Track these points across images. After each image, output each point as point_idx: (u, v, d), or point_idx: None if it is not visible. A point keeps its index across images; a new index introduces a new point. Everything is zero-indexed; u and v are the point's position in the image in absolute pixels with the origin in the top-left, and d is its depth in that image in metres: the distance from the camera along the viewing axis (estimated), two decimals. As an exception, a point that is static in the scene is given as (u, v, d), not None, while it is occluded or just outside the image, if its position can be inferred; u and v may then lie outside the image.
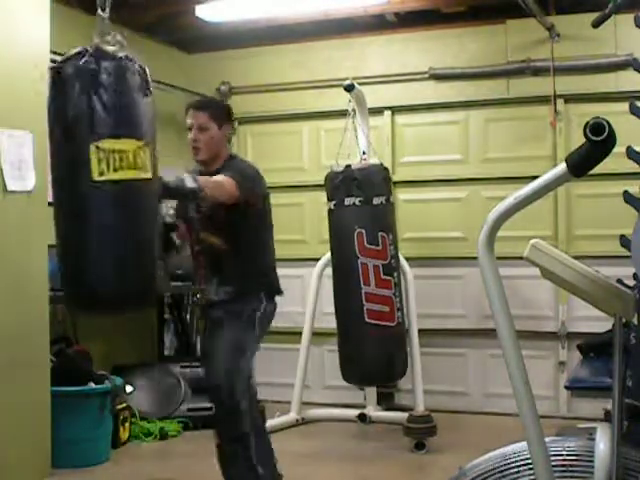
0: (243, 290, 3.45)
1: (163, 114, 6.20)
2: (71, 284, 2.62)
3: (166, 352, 6.16)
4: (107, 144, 2.44)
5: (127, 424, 4.97)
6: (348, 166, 4.96)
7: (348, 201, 4.88)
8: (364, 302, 4.80)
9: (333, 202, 4.98)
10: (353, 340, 4.91)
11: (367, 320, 4.80)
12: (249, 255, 3.44)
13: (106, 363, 5.28)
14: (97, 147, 2.43)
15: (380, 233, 4.88)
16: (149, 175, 2.51)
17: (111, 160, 2.43)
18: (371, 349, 4.85)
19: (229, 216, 3.32)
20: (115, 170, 2.44)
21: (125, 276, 2.54)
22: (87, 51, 2.49)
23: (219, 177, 3.27)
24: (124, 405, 4.94)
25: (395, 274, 4.95)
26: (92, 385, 4.66)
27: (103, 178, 2.44)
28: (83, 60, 2.47)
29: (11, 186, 4.15)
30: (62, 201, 2.61)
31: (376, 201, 4.91)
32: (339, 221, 4.97)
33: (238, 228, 3.38)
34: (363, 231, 4.84)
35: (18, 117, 4.24)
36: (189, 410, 5.39)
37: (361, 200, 4.87)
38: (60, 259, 2.65)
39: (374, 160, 5.22)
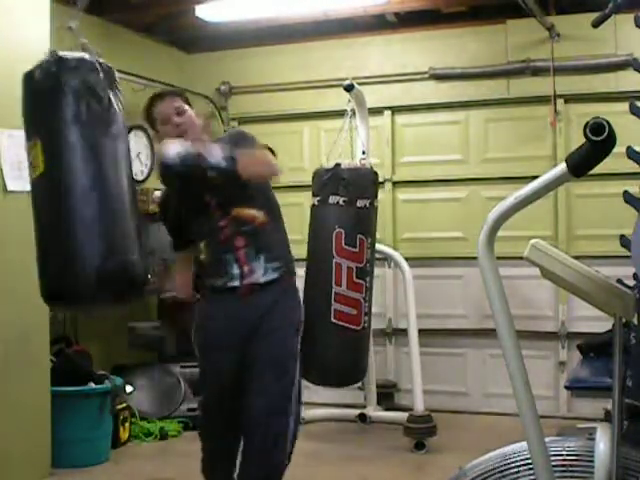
0: (290, 265, 3.10)
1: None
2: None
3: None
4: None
5: (127, 424, 4.97)
6: (338, 164, 4.90)
7: (332, 199, 4.79)
8: (332, 302, 4.72)
9: (317, 198, 4.88)
10: (316, 339, 4.82)
11: (332, 320, 4.72)
12: (282, 225, 3.14)
13: (106, 363, 5.28)
14: None
15: (359, 235, 4.79)
16: (40, 171, 2.60)
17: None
18: (333, 350, 4.76)
19: (259, 184, 3.04)
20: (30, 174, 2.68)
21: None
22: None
23: (252, 151, 3.01)
24: (124, 405, 4.94)
25: (368, 278, 4.85)
26: (92, 385, 4.66)
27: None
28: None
29: (11, 186, 4.15)
30: None
31: (360, 203, 4.83)
32: (320, 218, 4.89)
33: (269, 196, 3.13)
34: (342, 231, 4.76)
35: (18, 117, 4.22)
36: (189, 410, 5.39)
37: (345, 200, 4.78)
38: None
39: (366, 162, 5.18)
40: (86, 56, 2.61)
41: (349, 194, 4.79)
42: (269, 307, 2.99)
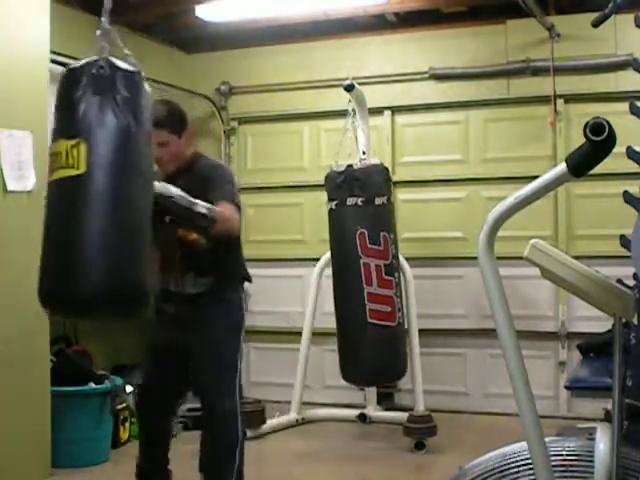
0: (221, 280, 3.43)
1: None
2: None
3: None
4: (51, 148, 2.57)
5: (127, 424, 4.97)
6: (350, 166, 4.97)
7: (350, 201, 4.88)
8: (366, 302, 4.79)
9: (334, 202, 4.97)
10: (355, 340, 4.90)
11: (369, 320, 4.79)
12: (227, 248, 3.43)
13: (106, 363, 5.28)
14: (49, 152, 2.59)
15: (382, 233, 4.89)
16: (80, 171, 2.47)
17: (51, 163, 2.54)
18: (373, 349, 4.84)
19: None
20: (53, 171, 2.52)
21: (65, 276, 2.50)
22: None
23: (225, 209, 3.23)
24: (124, 405, 4.94)
25: (396, 274, 4.96)
26: (92, 385, 4.66)
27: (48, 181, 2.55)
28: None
29: (11, 186, 4.15)
30: None
31: (378, 201, 4.92)
32: (341, 221, 4.97)
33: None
34: (365, 231, 4.84)
35: (18, 117, 4.24)
36: (189, 410, 5.38)
37: (363, 200, 4.87)
38: None
39: (374, 160, 5.22)
40: (134, 67, 2.63)
41: (366, 194, 4.88)
42: (194, 313, 3.41)
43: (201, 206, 3.10)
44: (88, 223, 2.46)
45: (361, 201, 4.87)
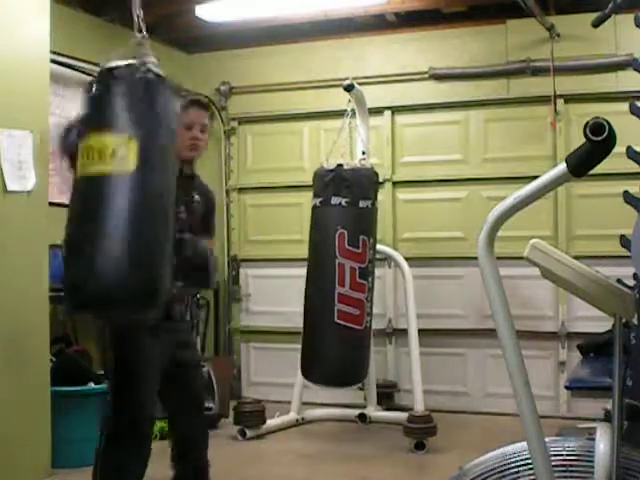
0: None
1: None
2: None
3: (166, 352, 6.15)
4: (90, 140, 2.49)
5: (127, 424, 4.97)
6: (340, 165, 4.92)
7: (335, 200, 4.82)
8: (336, 302, 4.75)
9: (319, 199, 4.90)
10: (319, 339, 4.84)
11: (336, 321, 4.75)
12: None
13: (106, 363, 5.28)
14: (84, 145, 2.50)
15: (361, 236, 4.83)
16: (130, 169, 2.44)
17: (92, 155, 2.47)
18: (338, 350, 4.79)
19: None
20: (93, 165, 2.46)
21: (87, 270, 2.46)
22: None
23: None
24: (124, 405, 4.94)
25: (370, 278, 4.89)
26: (92, 385, 4.66)
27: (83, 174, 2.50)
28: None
29: (11, 186, 4.15)
30: None
31: (362, 204, 4.86)
32: (322, 219, 4.91)
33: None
34: (345, 232, 4.79)
35: (18, 117, 4.24)
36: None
37: (348, 201, 4.81)
38: None
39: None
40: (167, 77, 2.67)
41: (352, 195, 4.82)
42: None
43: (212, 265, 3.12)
44: (142, 222, 2.45)
45: (346, 202, 4.81)
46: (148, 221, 2.47)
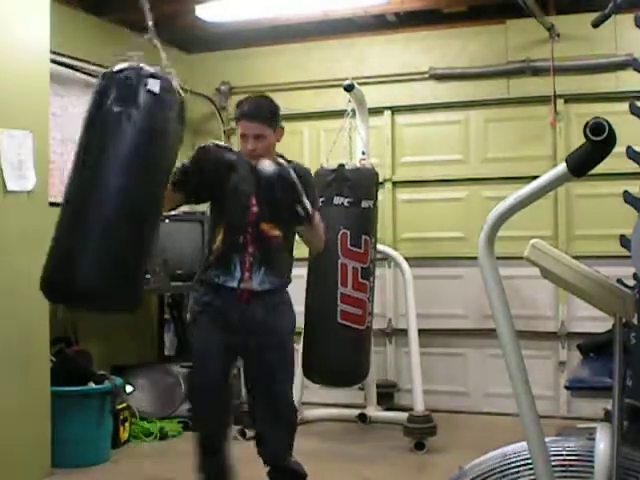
0: (284, 281, 3.31)
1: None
2: None
3: (166, 352, 6.15)
4: None
5: (127, 424, 4.97)
6: (342, 165, 4.93)
7: (337, 200, 4.82)
8: (339, 303, 4.76)
9: (321, 199, 4.92)
10: (322, 339, 4.84)
11: (339, 321, 4.75)
12: (292, 245, 3.36)
13: (106, 363, 5.28)
14: None
15: (364, 236, 4.84)
16: None
17: None
18: (340, 350, 4.79)
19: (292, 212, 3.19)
20: None
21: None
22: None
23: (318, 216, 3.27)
24: (124, 405, 4.94)
25: (371, 278, 4.90)
26: (92, 385, 4.66)
27: None
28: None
29: (11, 186, 4.15)
30: None
31: (365, 204, 4.87)
32: (325, 219, 4.92)
33: (294, 224, 3.30)
34: (347, 232, 4.80)
35: (18, 117, 4.24)
36: (189, 410, 5.38)
37: (350, 201, 4.82)
38: None
39: (367, 163, 5.19)
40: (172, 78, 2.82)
41: (354, 195, 4.83)
42: (263, 314, 3.20)
43: (308, 202, 3.10)
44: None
45: (348, 202, 4.82)
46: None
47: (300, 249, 3.48)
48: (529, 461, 1.81)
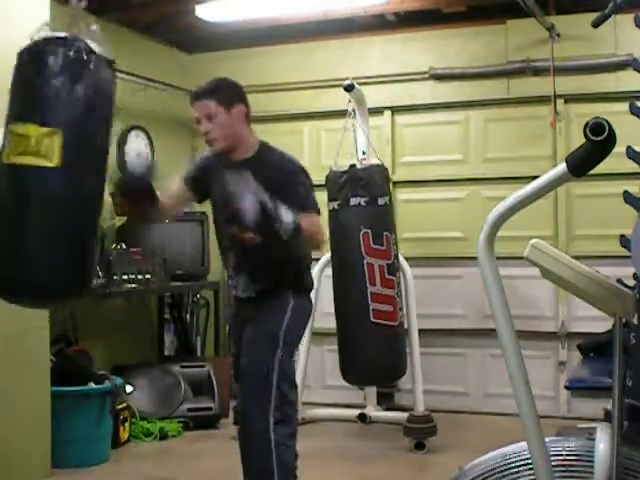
0: (281, 283, 3.18)
1: (163, 114, 6.21)
2: None
3: (166, 352, 6.16)
4: (15, 128, 2.45)
5: (127, 424, 4.97)
6: (353, 166, 4.99)
7: (354, 201, 4.88)
8: (370, 302, 4.82)
9: (336, 202, 4.96)
10: (359, 340, 4.90)
11: (373, 320, 4.81)
12: (289, 249, 3.12)
13: (106, 363, 5.28)
14: (8, 130, 2.46)
15: (385, 233, 4.91)
16: (53, 164, 2.40)
17: (15, 144, 2.43)
18: (377, 349, 4.86)
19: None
20: (17, 155, 2.43)
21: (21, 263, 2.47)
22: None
23: (312, 220, 3.05)
24: (124, 405, 4.94)
25: (397, 273, 4.99)
26: (92, 385, 4.66)
27: (6, 161, 2.46)
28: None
29: (11, 186, 4.14)
30: None
31: (381, 201, 4.94)
32: (343, 221, 4.96)
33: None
34: (369, 231, 4.85)
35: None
36: (189, 410, 5.39)
37: (367, 200, 4.88)
38: None
39: (374, 160, 5.22)
40: (106, 50, 2.61)
41: (369, 194, 4.89)
42: (248, 319, 3.22)
43: (284, 214, 2.85)
44: (50, 219, 2.45)
45: (364, 201, 4.88)
46: (71, 217, 2.47)
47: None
48: (529, 461, 1.81)
